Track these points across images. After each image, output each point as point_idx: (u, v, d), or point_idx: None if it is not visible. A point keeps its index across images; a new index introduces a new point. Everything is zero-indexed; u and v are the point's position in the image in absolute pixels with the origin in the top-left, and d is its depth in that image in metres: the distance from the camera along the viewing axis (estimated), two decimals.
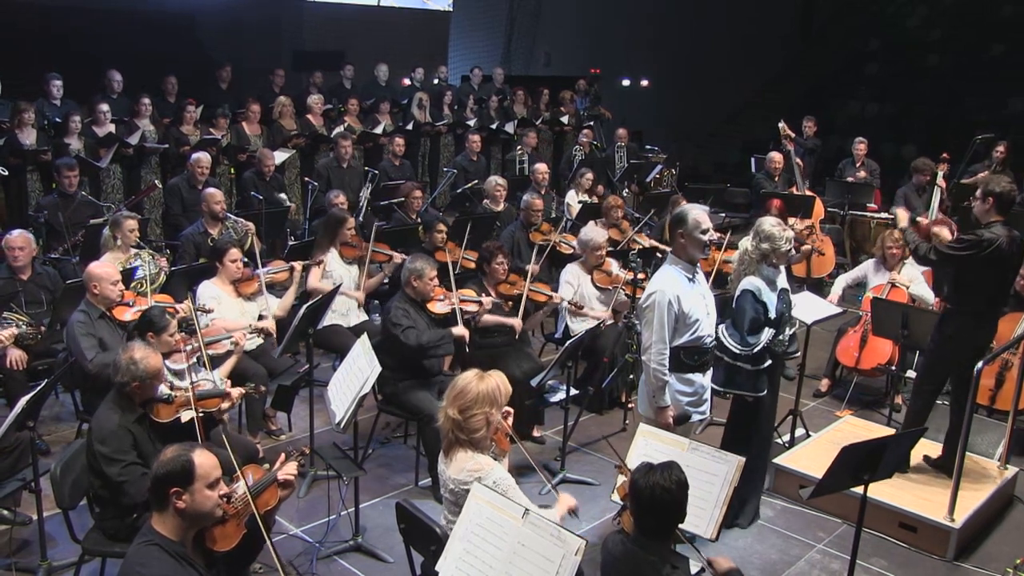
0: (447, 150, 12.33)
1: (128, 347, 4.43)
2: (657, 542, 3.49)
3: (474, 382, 3.85)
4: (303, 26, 13.51)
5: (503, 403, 3.88)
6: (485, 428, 3.81)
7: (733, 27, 15.58)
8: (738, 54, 15.55)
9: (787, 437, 6.41)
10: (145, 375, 4.32)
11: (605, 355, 6.60)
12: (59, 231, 7.53)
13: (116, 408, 4.31)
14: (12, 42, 9.92)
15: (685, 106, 15.83)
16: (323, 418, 5.97)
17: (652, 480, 3.41)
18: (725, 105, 16.13)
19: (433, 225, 7.60)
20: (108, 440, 4.17)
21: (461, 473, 3.76)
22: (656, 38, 15.95)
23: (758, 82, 16.20)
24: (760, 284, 5.06)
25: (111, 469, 4.13)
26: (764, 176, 10.51)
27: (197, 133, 9.81)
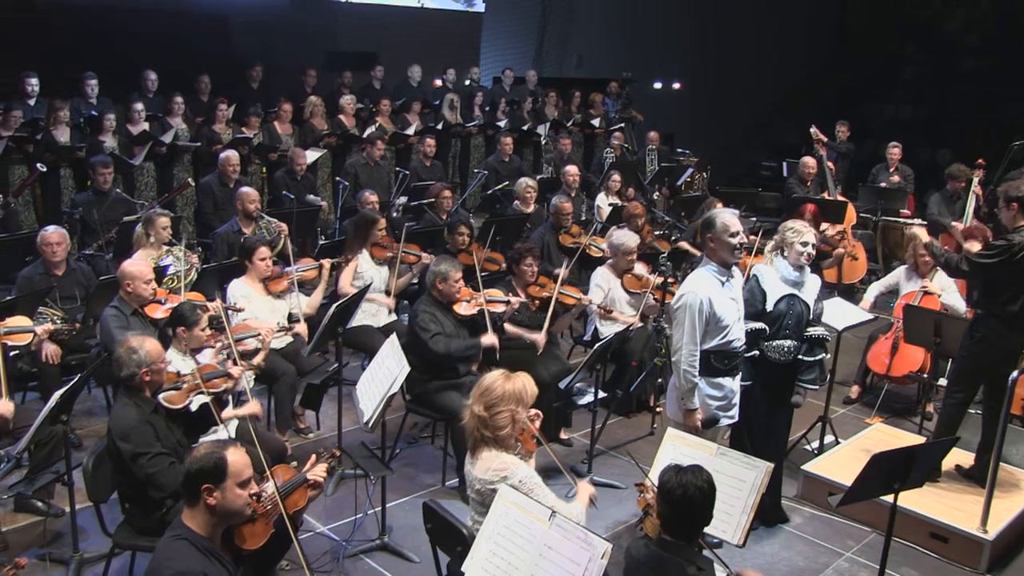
0: (477, 151, 12.35)
1: (121, 342, 4.45)
2: (682, 544, 3.47)
3: (500, 380, 3.86)
4: (336, 26, 13.59)
5: (529, 403, 3.88)
6: (510, 426, 3.81)
7: (767, 30, 15.47)
8: (772, 57, 15.44)
9: (816, 444, 6.36)
10: (148, 360, 4.34)
11: (634, 358, 6.58)
12: (93, 228, 7.62)
13: (131, 404, 4.33)
14: (49, 42, 10.06)
15: (717, 109, 15.74)
16: (351, 417, 6.00)
17: (684, 479, 3.40)
18: (757, 108, 16.02)
19: (456, 227, 7.60)
20: (130, 436, 4.19)
21: (487, 473, 3.76)
22: (689, 41, 15.88)
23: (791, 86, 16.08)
24: (766, 272, 5.08)
25: (137, 463, 4.15)
26: (796, 181, 10.43)
27: (229, 132, 9.90)
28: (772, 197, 11.79)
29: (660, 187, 11.70)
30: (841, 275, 9.30)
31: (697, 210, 9.11)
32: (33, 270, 6.42)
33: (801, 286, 5.11)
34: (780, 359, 5.07)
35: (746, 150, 15.91)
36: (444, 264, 5.94)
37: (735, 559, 4.79)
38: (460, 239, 7.48)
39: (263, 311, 6.24)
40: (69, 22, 10.49)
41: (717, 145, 14.76)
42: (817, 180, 10.36)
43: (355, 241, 7.09)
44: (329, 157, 10.55)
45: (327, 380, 6.02)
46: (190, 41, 11.36)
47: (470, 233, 7.62)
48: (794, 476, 5.83)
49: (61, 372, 5.89)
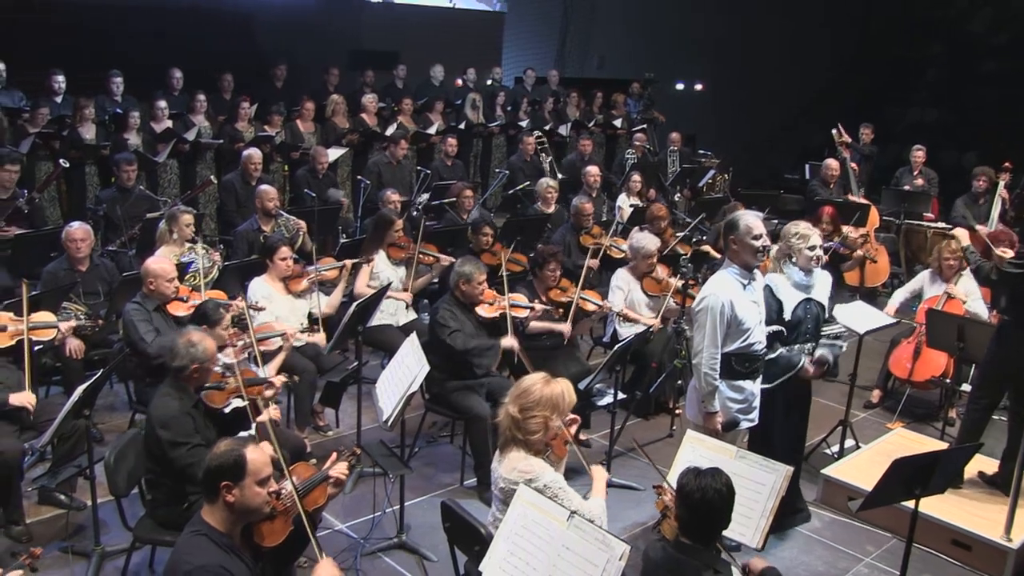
0: (499, 151, 12.36)
1: (184, 332, 4.52)
2: (700, 547, 3.46)
3: (539, 384, 3.84)
4: (359, 25, 13.62)
5: (565, 410, 3.85)
6: (542, 432, 3.79)
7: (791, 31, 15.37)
8: (795, 58, 15.34)
9: (836, 448, 6.33)
10: (204, 357, 4.41)
11: (654, 360, 6.56)
12: (117, 224, 7.68)
13: (174, 394, 4.39)
14: (75, 40, 10.14)
15: (740, 111, 15.66)
16: (371, 415, 6.00)
17: (703, 482, 3.39)
18: (780, 110, 15.92)
19: (480, 227, 7.60)
20: (171, 425, 4.25)
21: (512, 473, 3.75)
22: (712, 41, 15.79)
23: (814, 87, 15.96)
24: (779, 281, 5.05)
25: (176, 452, 4.20)
26: (819, 183, 10.37)
27: (251, 130, 9.95)
28: (794, 199, 11.72)
29: (681, 188, 11.66)
30: (863, 278, 9.24)
31: (719, 212, 9.08)
32: (58, 266, 6.48)
33: (812, 288, 5.09)
34: (797, 361, 5.04)
35: (769, 152, 15.82)
36: (469, 265, 5.94)
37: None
38: (484, 239, 7.49)
39: (283, 310, 6.27)
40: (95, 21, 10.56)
41: (739, 147, 14.67)
42: (840, 182, 10.29)
43: (372, 241, 7.10)
44: (350, 155, 10.58)
45: (347, 378, 6.04)
46: (214, 40, 11.41)
47: (494, 233, 7.62)
48: (814, 480, 5.80)
49: (84, 367, 5.93)
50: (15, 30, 9.80)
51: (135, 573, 4.66)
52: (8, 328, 5.22)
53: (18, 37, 9.71)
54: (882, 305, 7.24)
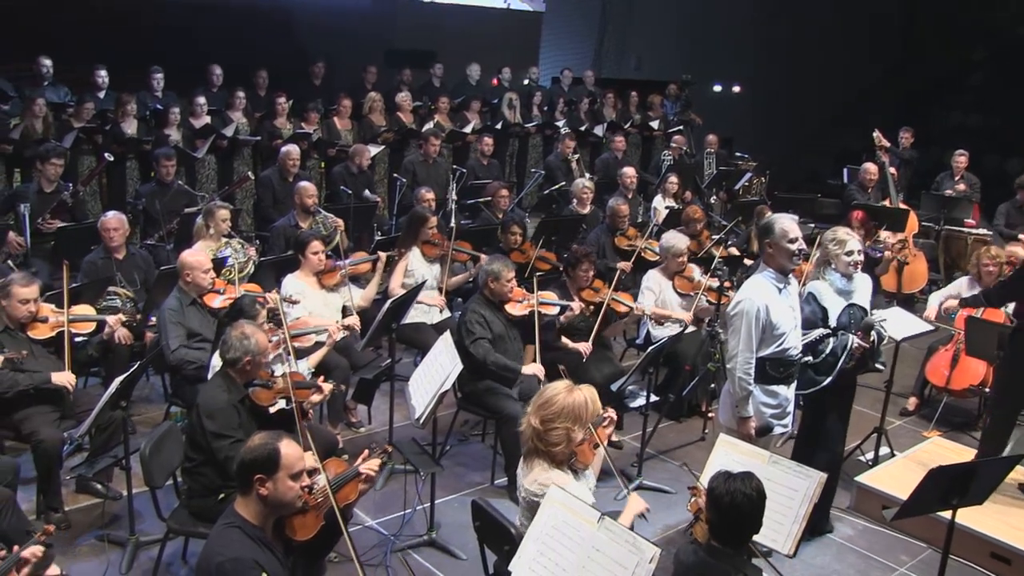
0: (535, 151, 12.34)
1: (237, 324, 4.57)
2: (730, 551, 3.44)
3: (562, 394, 3.77)
4: (396, 24, 13.67)
5: (588, 420, 3.78)
6: (564, 444, 3.74)
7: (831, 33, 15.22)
8: (835, 61, 15.18)
9: (871, 455, 6.25)
10: (256, 350, 4.46)
11: (687, 363, 6.53)
12: (155, 218, 7.77)
13: (223, 386, 4.45)
14: (118, 36, 10.27)
15: (778, 113, 15.53)
16: (403, 413, 6.05)
17: (733, 486, 3.38)
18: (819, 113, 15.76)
19: (508, 226, 7.60)
20: (217, 416, 4.30)
21: (534, 484, 3.73)
22: (751, 44, 15.68)
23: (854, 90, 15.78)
24: (822, 288, 5.00)
25: (218, 443, 4.26)
26: (856, 187, 10.26)
27: (289, 127, 10.02)
28: (832, 203, 11.60)
29: (718, 191, 11.59)
30: (900, 284, 9.13)
31: (753, 216, 9.02)
32: (96, 255, 6.61)
33: (853, 293, 5.04)
34: (850, 364, 4.99)
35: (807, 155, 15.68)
36: (496, 263, 5.95)
37: (784, 569, 4.73)
38: (512, 238, 7.50)
39: (317, 305, 6.31)
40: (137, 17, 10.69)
41: (777, 150, 14.55)
42: (878, 187, 10.18)
43: (407, 238, 7.13)
44: (386, 153, 10.62)
45: (380, 375, 6.06)
46: (254, 37, 11.51)
47: (522, 232, 7.62)
48: (847, 487, 5.73)
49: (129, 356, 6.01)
50: (60, 27, 9.94)
51: (168, 563, 4.71)
52: (49, 319, 5.30)
53: (63, 33, 9.85)
54: (919, 312, 7.15)
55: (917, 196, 10.96)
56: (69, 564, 4.67)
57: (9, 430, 5.03)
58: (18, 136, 8.37)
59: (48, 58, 9.36)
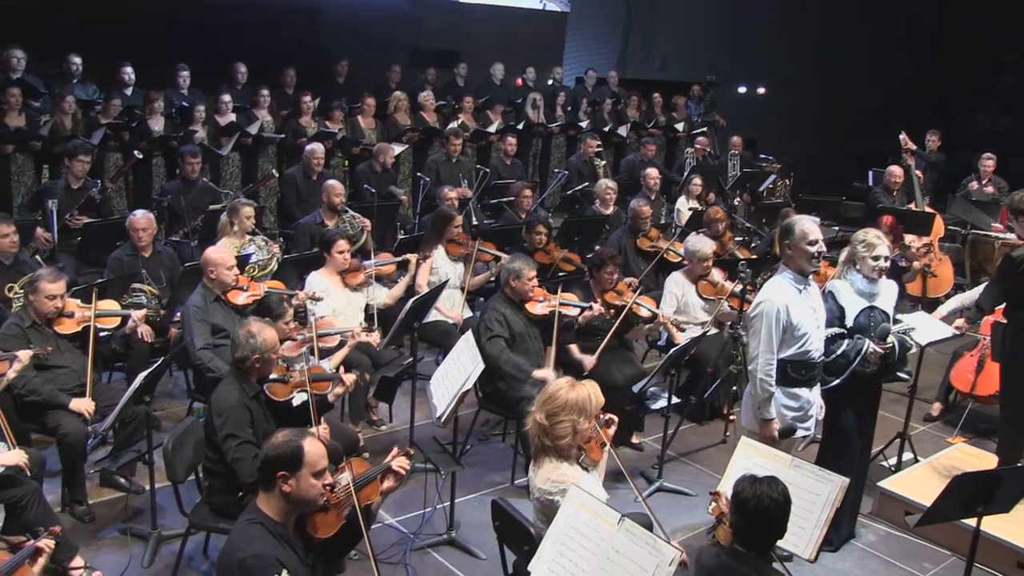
0: (558, 151, 12.34)
1: (245, 323, 4.59)
2: (753, 555, 3.42)
3: (564, 389, 3.80)
4: (421, 23, 13.69)
5: (593, 413, 3.80)
6: (571, 436, 3.75)
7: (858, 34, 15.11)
8: (862, 62, 15.07)
9: (893, 460, 6.21)
10: (264, 348, 4.45)
11: (709, 365, 6.51)
12: (180, 215, 7.83)
13: (236, 384, 4.46)
14: (146, 34, 10.34)
15: (803, 115, 15.44)
16: (424, 411, 6.04)
17: (759, 490, 3.36)
18: (845, 115, 15.66)
19: (534, 226, 7.61)
20: (226, 414, 4.31)
21: (545, 483, 3.73)
22: (776, 44, 15.60)
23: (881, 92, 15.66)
24: (841, 287, 4.97)
25: (226, 444, 4.27)
26: (882, 190, 10.18)
27: (314, 125, 10.06)
28: (857, 206, 11.51)
29: (741, 193, 11.54)
30: (925, 289, 9.05)
31: (777, 218, 8.97)
32: (122, 252, 6.65)
33: (876, 296, 5.00)
34: (868, 369, 4.95)
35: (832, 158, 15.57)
36: (518, 262, 5.95)
37: (806, 574, 4.71)
38: (537, 238, 7.49)
39: (340, 303, 6.33)
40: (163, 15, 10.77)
41: (801, 152, 14.47)
42: (904, 190, 10.09)
43: (432, 237, 7.14)
44: (411, 152, 10.65)
45: (401, 374, 6.08)
46: (279, 35, 11.58)
47: (547, 232, 7.62)
48: (870, 492, 5.68)
49: (150, 353, 6.06)
50: (89, 25, 10.03)
51: (190, 558, 4.74)
52: (76, 315, 5.35)
53: (92, 31, 9.93)
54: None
55: (943, 200, 10.86)
56: (93, 556, 4.72)
57: (35, 423, 5.09)
58: (47, 133, 8.46)
59: (78, 56, 9.45)
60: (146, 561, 4.75)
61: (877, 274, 4.94)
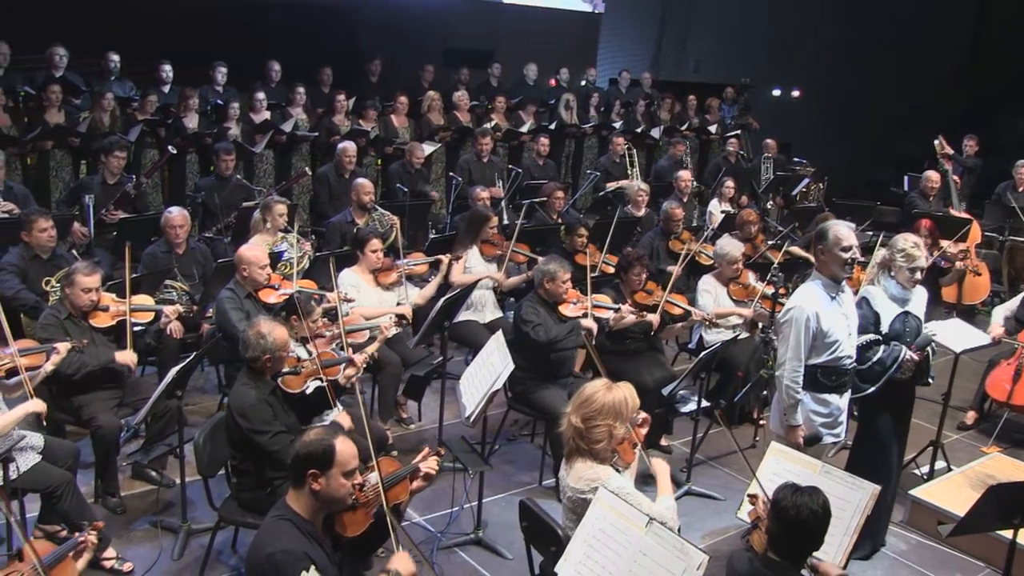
0: (591, 152, 12.31)
1: (254, 323, 4.61)
2: (787, 564, 3.38)
3: (601, 392, 3.78)
4: (455, 23, 13.73)
5: (628, 417, 3.79)
6: (607, 440, 3.74)
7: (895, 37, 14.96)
8: (899, 65, 14.91)
9: (926, 469, 6.13)
10: (275, 347, 4.49)
11: (740, 369, 6.47)
12: (214, 212, 7.90)
13: (251, 383, 4.50)
14: (182, 31, 10.46)
15: (838, 119, 15.30)
16: (452, 411, 6.07)
17: (800, 500, 3.32)
18: (881, 118, 15.50)
19: (575, 228, 7.60)
20: (250, 414, 4.36)
21: (579, 482, 3.72)
22: (812, 47, 15.48)
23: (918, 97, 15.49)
24: (875, 293, 4.93)
25: (260, 439, 4.32)
26: (918, 195, 10.05)
27: (347, 124, 10.11)
28: (892, 211, 11.39)
29: (774, 196, 11.46)
30: (961, 295, 8.93)
31: (812, 222, 8.89)
32: (156, 248, 6.72)
33: (909, 301, 4.96)
34: (903, 376, 4.90)
35: (867, 162, 15.42)
36: (553, 264, 5.94)
37: None
38: (579, 240, 7.49)
39: (372, 302, 6.36)
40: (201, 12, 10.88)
41: (836, 156, 14.34)
42: (940, 195, 9.96)
43: (466, 237, 7.14)
44: (443, 152, 10.67)
45: (431, 372, 6.09)
46: (314, 34, 11.66)
47: (588, 235, 7.61)
48: (901, 501, 5.62)
49: (180, 348, 6.12)
50: (127, 23, 10.15)
51: (219, 551, 4.78)
52: (110, 309, 5.41)
53: (130, 29, 10.05)
54: (980, 324, 6.98)
55: (981, 205, 10.71)
56: (124, 548, 4.78)
57: (70, 415, 5.16)
58: (85, 129, 8.58)
59: (116, 53, 9.57)
60: (176, 554, 4.80)
61: (912, 284, 4.89)
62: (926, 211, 9.37)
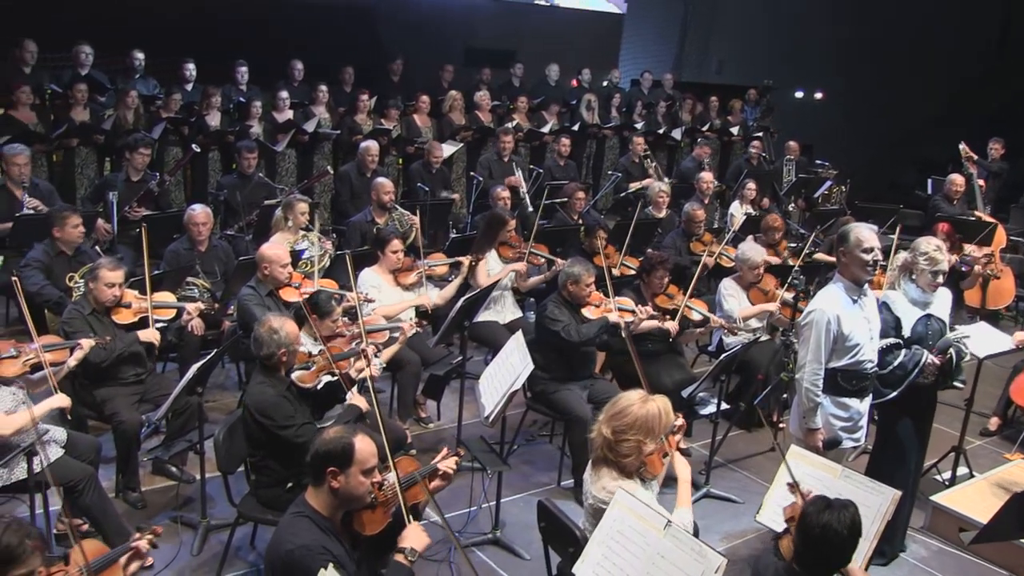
0: (612, 153, 12.30)
1: (264, 320, 4.63)
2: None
3: (636, 405, 3.71)
4: (476, 23, 13.74)
5: (660, 433, 3.73)
6: (635, 456, 3.69)
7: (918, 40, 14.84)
8: (924, 68, 14.81)
9: (947, 475, 6.08)
10: (288, 342, 4.52)
11: (760, 372, 6.43)
12: (236, 209, 7.94)
13: (266, 381, 4.52)
14: (206, 30, 10.52)
15: (861, 121, 15.20)
16: (471, 410, 6.05)
17: (825, 519, 3.25)
18: (905, 121, 15.39)
19: (594, 230, 7.58)
20: (271, 411, 4.38)
21: (602, 492, 3.69)
22: (835, 49, 15.38)
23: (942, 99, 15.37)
24: (895, 297, 4.90)
25: (287, 433, 4.35)
26: (942, 199, 9.98)
27: (369, 123, 10.14)
28: (915, 214, 11.30)
29: (796, 198, 11.40)
30: (985, 300, 8.85)
31: (833, 225, 8.84)
32: (179, 245, 6.77)
33: (931, 304, 4.93)
34: (925, 380, 4.86)
35: (890, 165, 15.31)
36: (578, 267, 5.93)
37: None
38: (598, 242, 7.48)
39: (392, 302, 6.37)
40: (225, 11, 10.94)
41: (859, 158, 14.24)
42: (965, 199, 9.88)
43: (484, 240, 7.13)
44: (464, 152, 10.68)
45: (450, 372, 6.09)
46: (336, 33, 11.70)
47: (608, 237, 7.59)
48: (922, 506, 5.58)
49: (201, 344, 6.16)
50: (152, 21, 10.22)
51: (237, 547, 4.80)
52: (132, 305, 5.45)
53: (154, 28, 10.13)
54: (1004, 329, 6.91)
55: (1006, 209, 10.61)
56: None
57: (93, 410, 5.21)
58: (110, 127, 8.65)
59: (141, 52, 9.64)
60: (195, 549, 4.83)
61: (933, 288, 4.85)
62: (950, 215, 9.30)
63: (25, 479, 4.28)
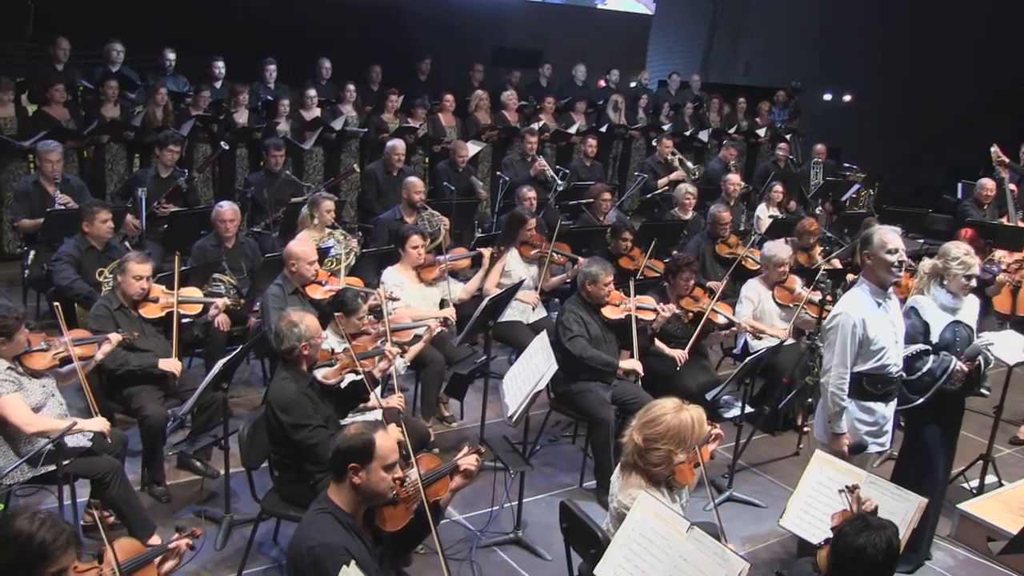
0: (639, 154, 12.27)
1: (283, 314, 4.64)
2: None
3: (670, 414, 3.65)
4: (505, 23, 13.75)
5: (692, 444, 3.67)
6: (664, 465, 3.65)
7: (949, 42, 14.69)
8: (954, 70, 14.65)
9: (975, 483, 6.01)
10: (309, 335, 4.53)
11: (785, 375, 6.40)
12: (263, 207, 7.99)
13: (289, 376, 4.53)
14: (234, 28, 10.60)
15: (890, 124, 15.07)
16: (495, 410, 6.07)
17: (859, 542, 3.16)
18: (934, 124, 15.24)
19: (620, 231, 7.56)
20: (290, 408, 4.39)
21: (627, 499, 3.66)
22: (864, 51, 15.27)
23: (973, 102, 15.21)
24: (924, 303, 4.86)
25: (300, 434, 4.35)
26: (971, 203, 9.86)
27: (396, 121, 10.17)
28: (943, 219, 11.18)
29: (823, 202, 11.32)
30: (1015, 306, 8.74)
31: (859, 228, 8.77)
32: (206, 242, 6.81)
33: (959, 310, 4.88)
34: (953, 387, 4.82)
35: (918, 169, 15.17)
36: (595, 266, 5.92)
37: None
38: (623, 243, 7.45)
39: (415, 298, 6.39)
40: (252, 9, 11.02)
41: (887, 162, 14.12)
42: (995, 204, 9.76)
43: (505, 239, 7.13)
44: (490, 151, 10.69)
45: (474, 371, 6.10)
46: (365, 32, 11.75)
47: (633, 238, 7.57)
48: (949, 514, 5.51)
49: (227, 340, 6.20)
50: (180, 20, 10.31)
51: (260, 543, 4.83)
52: (160, 300, 5.50)
53: (185, 27, 10.22)
54: None
55: None
56: (168, 536, 4.82)
57: (119, 404, 5.26)
58: (140, 123, 8.73)
59: (172, 50, 9.73)
60: (219, 543, 4.86)
61: (965, 292, 4.81)
62: (979, 220, 9.19)
63: (54, 470, 4.32)
